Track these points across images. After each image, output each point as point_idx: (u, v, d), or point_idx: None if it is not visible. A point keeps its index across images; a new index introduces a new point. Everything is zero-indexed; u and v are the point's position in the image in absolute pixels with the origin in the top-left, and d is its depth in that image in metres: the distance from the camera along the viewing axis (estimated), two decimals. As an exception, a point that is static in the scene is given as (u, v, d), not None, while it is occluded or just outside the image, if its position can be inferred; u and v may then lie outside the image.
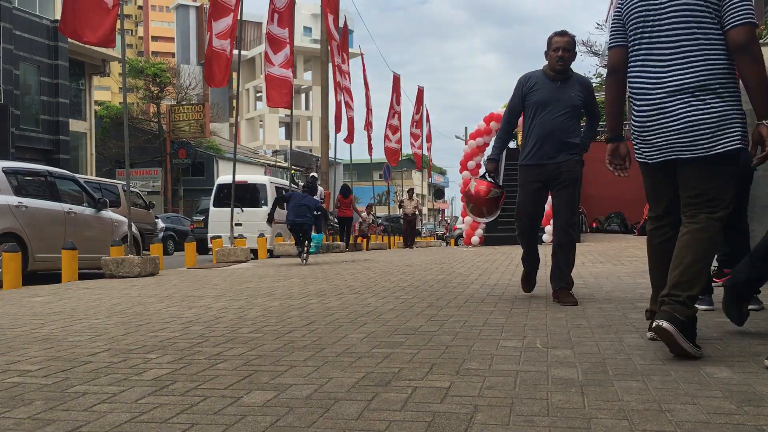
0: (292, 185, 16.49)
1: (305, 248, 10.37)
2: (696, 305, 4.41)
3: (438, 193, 56.33)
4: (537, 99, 4.91)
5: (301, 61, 62.78)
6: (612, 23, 3.45)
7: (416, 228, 23.54)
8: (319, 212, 10.65)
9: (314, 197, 10.83)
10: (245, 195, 16.03)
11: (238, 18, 11.95)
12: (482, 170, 7.93)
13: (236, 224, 13.85)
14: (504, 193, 5.14)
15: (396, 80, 25.79)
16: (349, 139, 20.21)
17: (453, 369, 2.89)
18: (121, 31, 9.25)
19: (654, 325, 2.95)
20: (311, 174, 18.15)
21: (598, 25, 38.18)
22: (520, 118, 5.22)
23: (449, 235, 38.77)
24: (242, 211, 15.46)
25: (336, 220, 18.80)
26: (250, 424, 2.18)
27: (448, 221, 60.97)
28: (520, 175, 5.11)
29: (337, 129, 19.29)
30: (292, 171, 20.77)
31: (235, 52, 12.53)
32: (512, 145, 23.96)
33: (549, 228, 15.24)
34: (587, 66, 72.12)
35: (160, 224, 18.62)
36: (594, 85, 30.86)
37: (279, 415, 2.28)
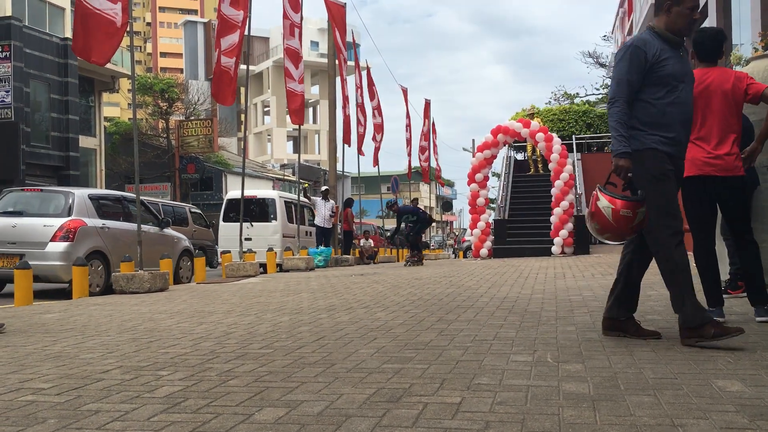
0: (302, 199, 16.59)
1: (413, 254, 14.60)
2: None
3: (446, 205, 56.18)
4: (671, 72, 3.69)
5: (308, 75, 63.04)
6: None
7: (422, 240, 22.97)
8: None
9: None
10: (255, 210, 16.14)
11: (245, 33, 12.03)
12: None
13: (246, 239, 14.02)
14: (646, 211, 3.63)
15: (404, 94, 25.92)
16: (360, 150, 20.56)
17: (464, 384, 2.89)
18: (131, 48, 9.33)
19: None
20: (324, 188, 18.32)
21: (605, 36, 38.19)
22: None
23: (458, 248, 38.71)
24: (252, 225, 15.58)
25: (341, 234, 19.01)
26: (262, 442, 2.19)
27: (456, 233, 60.92)
28: (652, 163, 3.68)
29: (346, 140, 19.43)
30: (305, 185, 20.96)
31: (243, 67, 12.62)
32: (520, 157, 23.95)
33: (558, 240, 15.22)
34: (594, 77, 72.17)
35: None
36: (600, 96, 30.39)
37: (291, 432, 2.29)
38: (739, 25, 11.60)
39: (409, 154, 26.43)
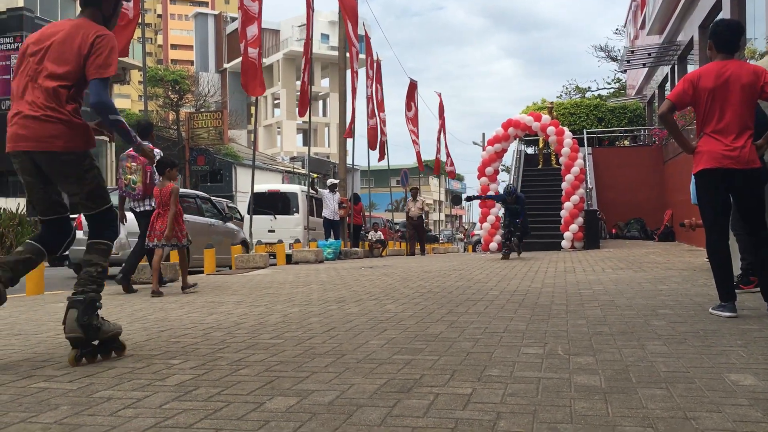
0: (311, 190, 16.80)
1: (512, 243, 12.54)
2: (718, 312, 4.38)
3: (456, 199, 56.11)
4: None
5: (319, 68, 63.05)
6: None
7: (426, 232, 21.36)
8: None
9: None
10: (278, 203, 16.86)
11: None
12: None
13: (270, 231, 15.68)
14: None
15: (412, 86, 25.82)
16: (373, 145, 20.54)
17: (474, 376, 2.89)
18: (142, 40, 9.36)
19: None
20: (331, 181, 18.39)
21: (617, 30, 37.95)
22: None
23: (467, 241, 38.68)
24: (275, 218, 16.45)
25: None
26: (274, 430, 2.20)
27: (466, 227, 60.85)
28: None
29: (348, 134, 19.43)
30: (314, 177, 21.21)
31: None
32: (530, 151, 23.86)
33: (568, 234, 15.18)
34: (605, 71, 71.75)
35: None
36: (612, 91, 30.17)
37: (302, 420, 2.29)
38: (753, 19, 11.50)
39: (419, 147, 26.37)
